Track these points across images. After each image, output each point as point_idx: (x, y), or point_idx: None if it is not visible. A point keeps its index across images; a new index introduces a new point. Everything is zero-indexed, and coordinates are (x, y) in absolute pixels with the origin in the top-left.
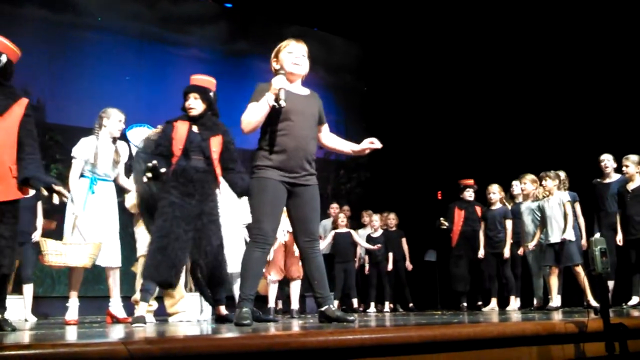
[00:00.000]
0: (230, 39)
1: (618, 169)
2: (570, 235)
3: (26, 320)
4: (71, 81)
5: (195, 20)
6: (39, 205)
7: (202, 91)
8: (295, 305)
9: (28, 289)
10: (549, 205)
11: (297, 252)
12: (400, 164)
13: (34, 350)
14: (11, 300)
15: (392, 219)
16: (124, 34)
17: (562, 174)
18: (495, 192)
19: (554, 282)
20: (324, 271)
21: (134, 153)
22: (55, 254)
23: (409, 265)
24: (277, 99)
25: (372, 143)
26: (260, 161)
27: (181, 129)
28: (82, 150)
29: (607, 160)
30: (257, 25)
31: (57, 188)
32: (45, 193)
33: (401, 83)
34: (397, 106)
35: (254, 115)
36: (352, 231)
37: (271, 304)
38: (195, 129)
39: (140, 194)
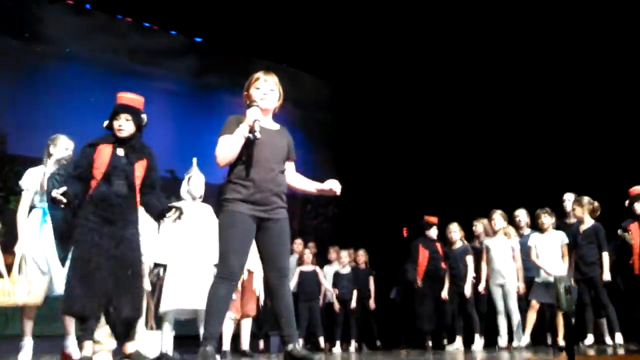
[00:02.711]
0: (199, 72)
1: None
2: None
3: None
4: (35, 111)
5: (165, 54)
6: None
7: (135, 113)
8: (245, 345)
9: None
10: (545, 241)
11: (257, 291)
12: (368, 201)
13: None
14: None
15: (361, 255)
16: (93, 65)
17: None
18: (455, 230)
19: (532, 318)
20: (292, 309)
21: None
22: (2, 293)
23: (372, 304)
24: (251, 131)
25: (333, 190)
26: (229, 194)
27: (104, 151)
28: (30, 181)
29: (569, 201)
30: (226, 59)
31: None
32: None
33: (370, 120)
34: (365, 143)
35: (229, 148)
36: (317, 269)
37: (226, 345)
38: (120, 151)
39: (54, 219)
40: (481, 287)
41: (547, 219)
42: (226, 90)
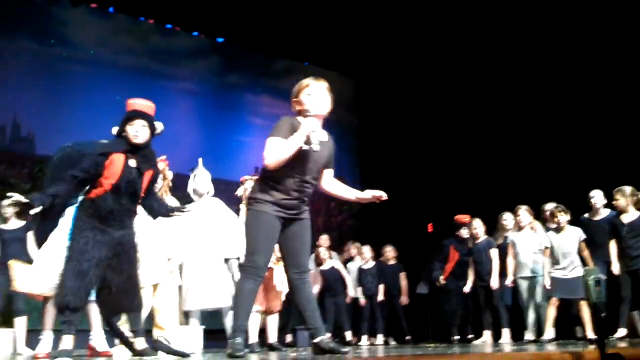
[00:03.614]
0: (221, 72)
1: (608, 205)
2: (581, 270)
3: (20, 355)
4: (62, 114)
5: (187, 54)
6: (30, 235)
7: (150, 119)
8: (273, 338)
9: (21, 322)
10: (563, 239)
11: (279, 287)
12: (393, 196)
13: None
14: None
15: (389, 251)
16: (116, 68)
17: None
18: (479, 226)
19: (552, 313)
20: (316, 303)
21: None
22: (23, 279)
23: (404, 300)
24: (308, 142)
25: (377, 197)
26: (260, 195)
27: (117, 162)
28: None
29: (597, 197)
30: (248, 59)
31: None
32: None
33: (394, 117)
34: (389, 140)
35: (283, 154)
36: (335, 265)
37: (253, 338)
38: (132, 162)
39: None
40: (509, 281)
41: (564, 217)
42: (248, 89)
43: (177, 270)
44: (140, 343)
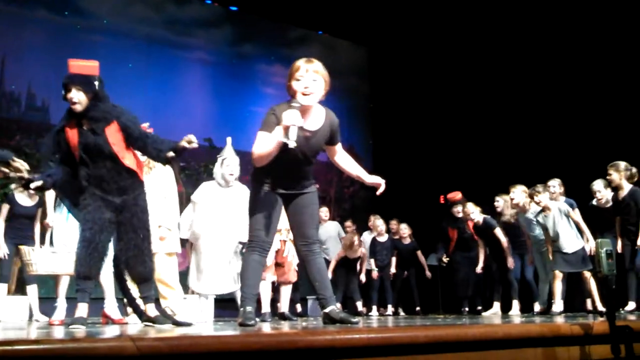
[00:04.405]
0: (235, 41)
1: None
2: (580, 242)
3: (37, 321)
4: None
5: (200, 24)
6: (40, 211)
7: (85, 82)
8: (285, 308)
9: (32, 289)
10: (550, 219)
11: (289, 258)
12: (405, 167)
13: (42, 346)
14: (15, 301)
15: (404, 228)
16: (131, 37)
17: (553, 183)
18: (472, 210)
19: (558, 286)
20: (325, 273)
21: None
22: (41, 262)
23: (428, 274)
24: (287, 136)
25: (376, 184)
26: (258, 175)
27: (71, 134)
28: None
29: (601, 192)
30: (262, 28)
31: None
32: None
33: (406, 86)
34: (402, 109)
35: (264, 149)
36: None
37: (265, 307)
38: (85, 126)
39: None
40: (528, 260)
41: (543, 197)
42: (262, 58)
43: (172, 238)
44: (151, 310)
